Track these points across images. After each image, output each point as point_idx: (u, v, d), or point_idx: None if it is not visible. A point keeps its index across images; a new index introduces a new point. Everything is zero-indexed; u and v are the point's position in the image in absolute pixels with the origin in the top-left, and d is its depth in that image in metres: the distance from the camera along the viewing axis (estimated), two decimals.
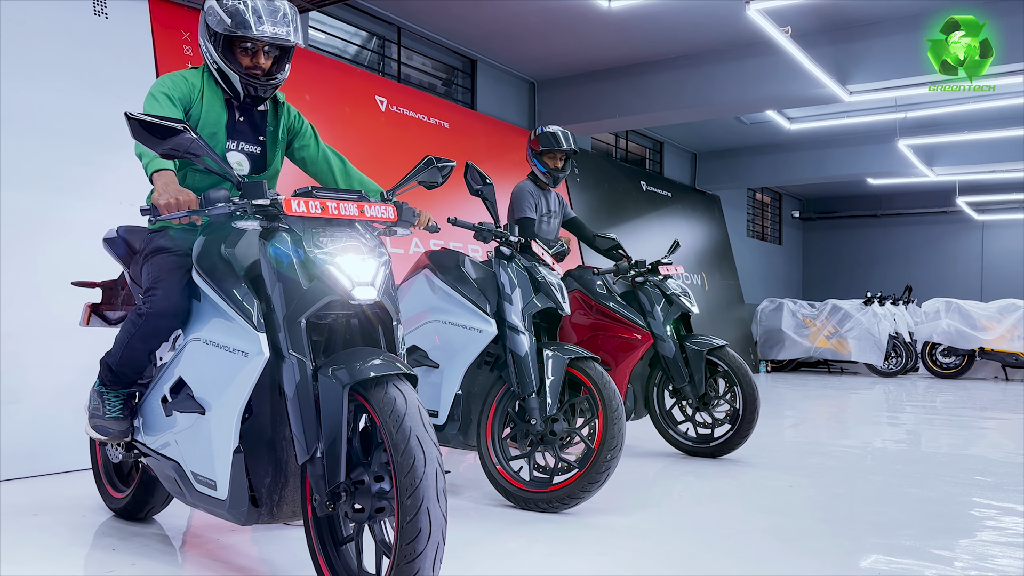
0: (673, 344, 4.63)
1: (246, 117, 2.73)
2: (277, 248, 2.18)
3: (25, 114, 4.12)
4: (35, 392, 3.92)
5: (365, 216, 2.27)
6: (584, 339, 4.78)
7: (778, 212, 15.68)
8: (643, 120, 8.14)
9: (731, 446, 4.59)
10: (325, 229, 2.22)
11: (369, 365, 2.05)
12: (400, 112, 6.74)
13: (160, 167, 2.30)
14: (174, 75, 2.61)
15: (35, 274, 4.02)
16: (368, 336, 2.34)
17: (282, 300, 2.15)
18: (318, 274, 2.13)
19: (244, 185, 2.17)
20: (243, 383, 2.19)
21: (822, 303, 11.96)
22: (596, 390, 3.29)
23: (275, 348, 2.17)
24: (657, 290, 4.75)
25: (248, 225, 2.17)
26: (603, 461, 3.19)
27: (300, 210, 2.16)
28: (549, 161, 4.73)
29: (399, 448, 1.93)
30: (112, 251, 3.02)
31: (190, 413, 2.34)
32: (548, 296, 3.54)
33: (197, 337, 2.40)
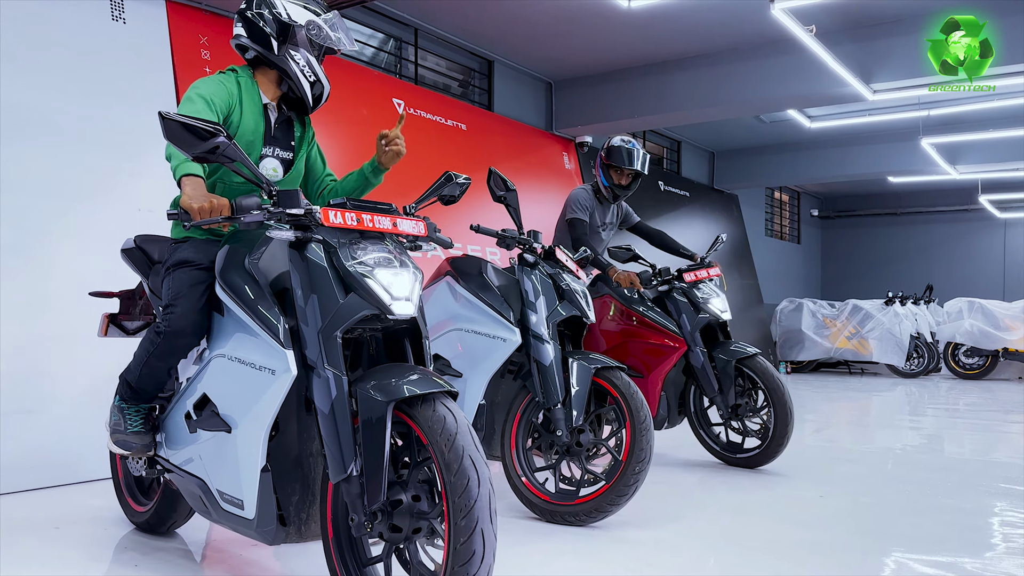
0: (701, 353, 4.47)
1: (280, 123, 2.70)
2: (312, 260, 2.12)
3: (43, 120, 4.10)
4: (54, 401, 3.90)
5: (397, 230, 2.22)
6: (615, 345, 4.66)
7: (797, 211, 15.53)
8: (661, 120, 8.05)
9: (760, 460, 4.42)
10: (358, 241, 2.16)
11: (412, 382, 2.00)
12: (417, 114, 6.69)
13: (190, 171, 2.23)
14: (211, 79, 2.54)
15: (53, 282, 4.00)
16: (395, 352, 2.29)
17: (317, 313, 2.09)
18: (356, 287, 2.08)
19: (279, 194, 2.12)
20: (270, 401, 2.14)
21: (842, 303, 11.82)
22: (623, 400, 3.23)
23: (305, 363, 2.12)
24: (684, 297, 4.59)
25: (282, 234, 2.11)
26: (631, 474, 3.12)
27: (337, 221, 2.11)
28: (615, 176, 4.68)
29: (451, 468, 1.88)
30: (130, 262, 2.99)
31: (216, 431, 2.29)
32: (573, 304, 3.48)
33: (222, 353, 2.35)
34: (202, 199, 2.11)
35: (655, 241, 5.01)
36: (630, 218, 5.10)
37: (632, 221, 5.08)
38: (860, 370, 12.46)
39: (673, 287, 4.61)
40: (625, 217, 5.09)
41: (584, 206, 4.70)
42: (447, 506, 1.87)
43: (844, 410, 7.84)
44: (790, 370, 11.96)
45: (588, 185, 4.84)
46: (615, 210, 5.00)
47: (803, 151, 11.16)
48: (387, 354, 2.31)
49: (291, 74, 2.58)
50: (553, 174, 8.20)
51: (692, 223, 10.59)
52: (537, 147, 8.10)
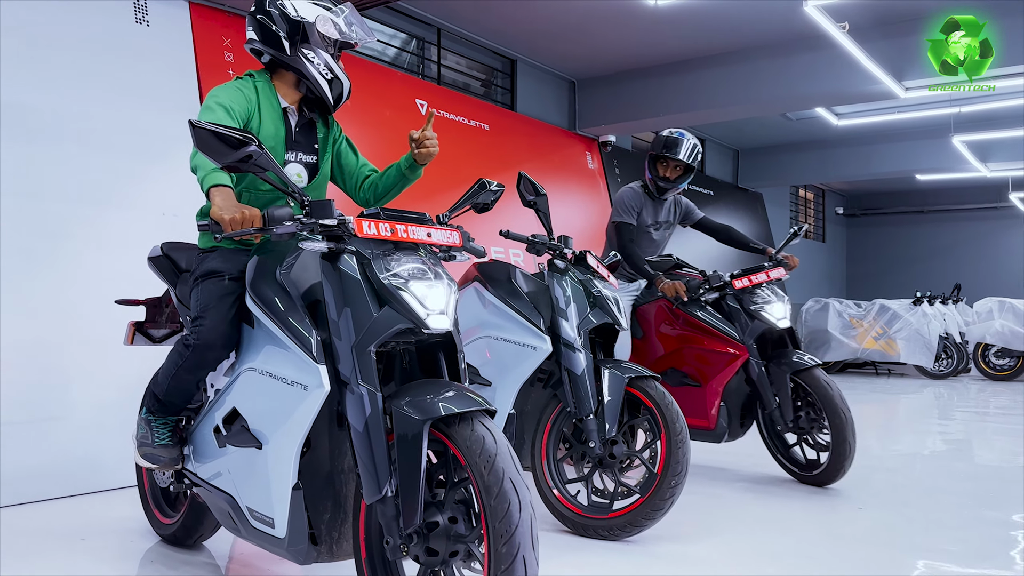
0: (757, 363, 4.15)
1: (301, 126, 2.63)
2: (345, 272, 2.06)
3: (67, 124, 4.07)
4: (78, 408, 3.86)
5: (432, 241, 2.16)
6: (671, 352, 4.40)
7: (821, 209, 15.33)
8: (686, 119, 7.93)
9: (823, 479, 4.09)
10: (391, 252, 2.10)
11: (449, 399, 1.93)
12: (440, 115, 6.63)
13: (219, 182, 2.16)
14: (228, 86, 2.48)
15: (78, 287, 3.97)
16: (429, 366, 2.22)
17: (351, 327, 2.03)
18: (390, 300, 2.02)
19: (312, 204, 2.05)
20: (302, 418, 2.07)
21: (869, 303, 11.63)
22: (658, 411, 3.14)
23: (337, 378, 2.06)
24: (736, 303, 4.25)
25: (315, 246, 2.04)
26: (667, 488, 3.03)
27: (371, 232, 2.05)
28: (661, 168, 4.46)
29: (492, 491, 1.80)
30: (157, 270, 2.94)
31: (246, 448, 2.24)
32: (604, 311, 3.39)
33: (252, 367, 2.29)
34: (233, 210, 2.04)
35: (722, 237, 4.75)
36: (692, 214, 4.81)
37: (695, 217, 4.79)
38: (887, 371, 12.26)
39: (725, 293, 4.29)
40: (686, 213, 4.81)
41: (629, 207, 4.47)
42: (487, 531, 1.80)
43: (876, 414, 7.69)
44: None
45: (637, 183, 4.61)
46: (671, 206, 4.71)
47: (830, 149, 10.99)
48: (421, 368, 2.25)
49: (307, 74, 2.51)
50: (576, 174, 8.11)
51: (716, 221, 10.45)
52: (560, 147, 8.01)
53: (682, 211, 4.82)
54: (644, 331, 4.55)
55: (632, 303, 4.56)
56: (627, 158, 9.00)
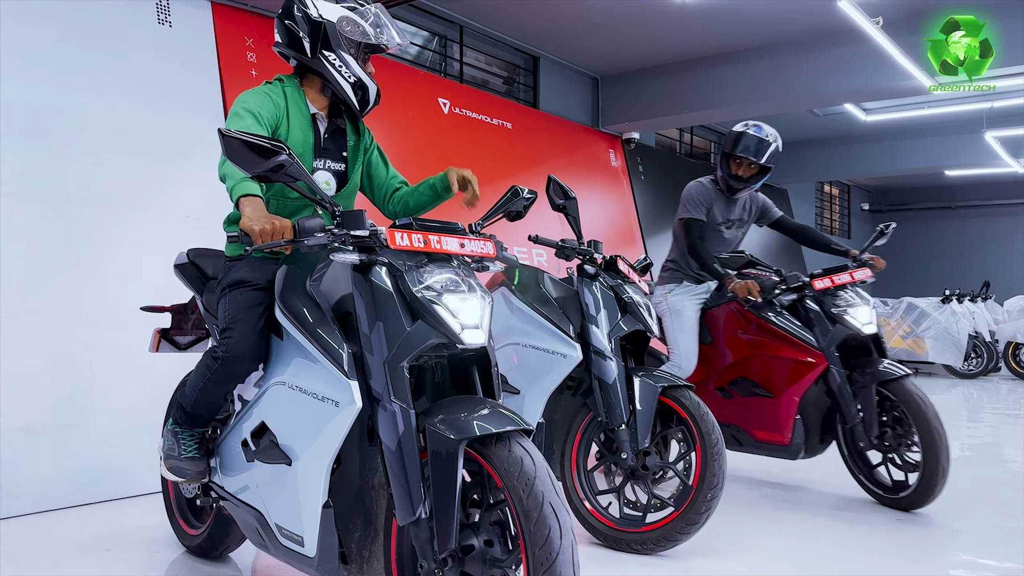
0: (838, 373, 3.75)
1: (330, 133, 2.56)
2: (377, 284, 1.99)
3: (88, 126, 4.04)
4: (101, 414, 3.83)
5: (465, 252, 2.08)
6: (741, 359, 4.06)
7: (847, 204, 15.11)
8: (712, 115, 7.82)
9: (911, 503, 3.70)
10: (424, 263, 2.03)
11: (484, 418, 1.86)
12: (463, 114, 6.56)
13: (249, 191, 2.09)
14: (256, 91, 2.41)
15: (101, 292, 3.94)
16: (461, 381, 2.15)
17: (383, 342, 1.96)
18: (424, 314, 1.95)
19: (343, 215, 1.99)
20: (333, 434, 2.01)
21: (897, 300, 11.44)
22: (692, 422, 3.05)
23: (369, 394, 1.99)
24: (816, 306, 3.88)
25: (346, 258, 1.96)
26: (703, 501, 2.94)
27: (403, 244, 1.98)
28: (733, 166, 4.10)
29: (531, 516, 1.73)
30: (183, 278, 2.90)
31: (275, 464, 2.18)
32: (635, 317, 3.30)
33: (281, 380, 2.23)
34: (263, 221, 1.97)
35: (801, 238, 4.39)
36: (769, 212, 4.43)
37: (772, 216, 4.42)
38: (915, 370, 12.06)
39: (804, 295, 3.92)
40: (763, 211, 4.43)
41: (698, 202, 4.13)
42: (526, 558, 1.73)
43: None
44: None
45: (708, 177, 4.27)
46: (745, 203, 4.33)
47: (857, 144, 10.80)
48: (453, 382, 2.18)
49: (328, 78, 2.44)
50: (599, 172, 8.01)
51: None
52: (583, 144, 7.91)
53: (758, 209, 4.42)
54: (713, 337, 4.23)
55: (701, 306, 4.26)
56: (651, 155, 8.88)
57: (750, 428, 4.00)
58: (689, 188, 4.21)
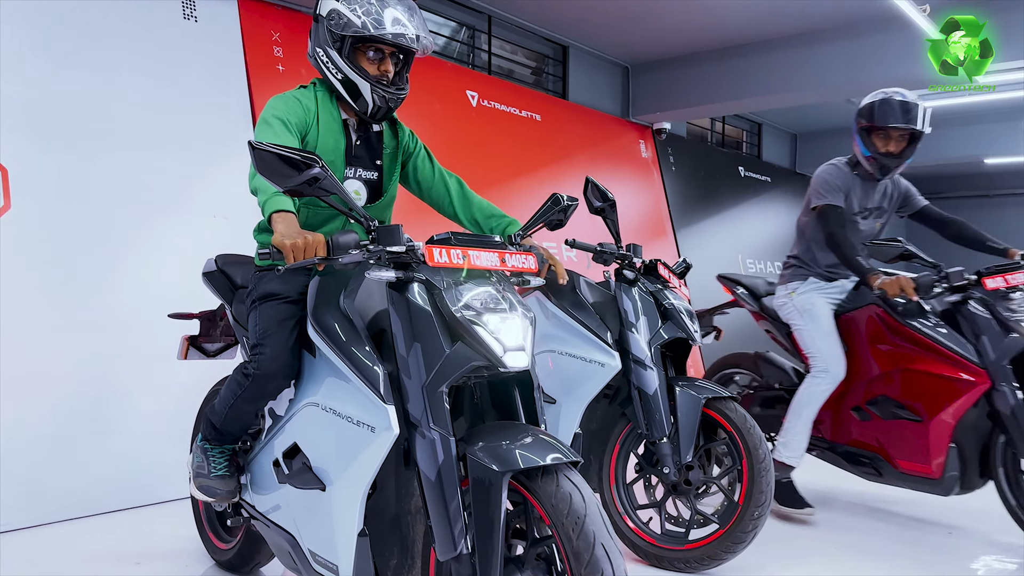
0: (1011, 393, 3.17)
1: (363, 140, 2.43)
2: (414, 303, 1.89)
3: (112, 124, 3.96)
4: (132, 419, 3.78)
5: (506, 267, 1.97)
6: (883, 375, 3.54)
7: None
8: (746, 105, 7.61)
9: None
10: (464, 280, 1.92)
11: (529, 448, 1.75)
12: (491, 106, 6.42)
13: (281, 207, 1.98)
14: (287, 97, 2.31)
15: (125, 296, 3.87)
16: (501, 403, 2.04)
17: (421, 364, 1.86)
18: (463, 334, 1.84)
19: (378, 230, 1.88)
20: (369, 461, 1.91)
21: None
22: (738, 436, 2.92)
23: (406, 418, 1.89)
24: (985, 311, 3.29)
25: (382, 276, 1.86)
26: (749, 520, 2.82)
27: (442, 260, 1.87)
28: (879, 141, 3.52)
29: (582, 559, 1.62)
30: (212, 287, 2.81)
31: (308, 489, 2.09)
32: (676, 324, 3.17)
33: (314, 401, 2.14)
34: (295, 235, 1.86)
35: (950, 232, 3.76)
36: (913, 200, 3.81)
37: (916, 205, 3.81)
38: None
39: (969, 297, 3.35)
40: (905, 198, 3.81)
41: (836, 186, 3.57)
42: None
43: None
44: None
45: (841, 159, 3.72)
46: (887, 189, 3.74)
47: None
48: (493, 403, 2.07)
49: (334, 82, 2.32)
50: (629, 163, 7.85)
51: (773, 210, 10.10)
52: (613, 135, 7.75)
53: (900, 195, 3.80)
54: (849, 346, 3.65)
55: (834, 308, 3.73)
56: (682, 146, 8.69)
57: (892, 456, 3.47)
58: (823, 172, 3.66)
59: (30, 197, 3.61)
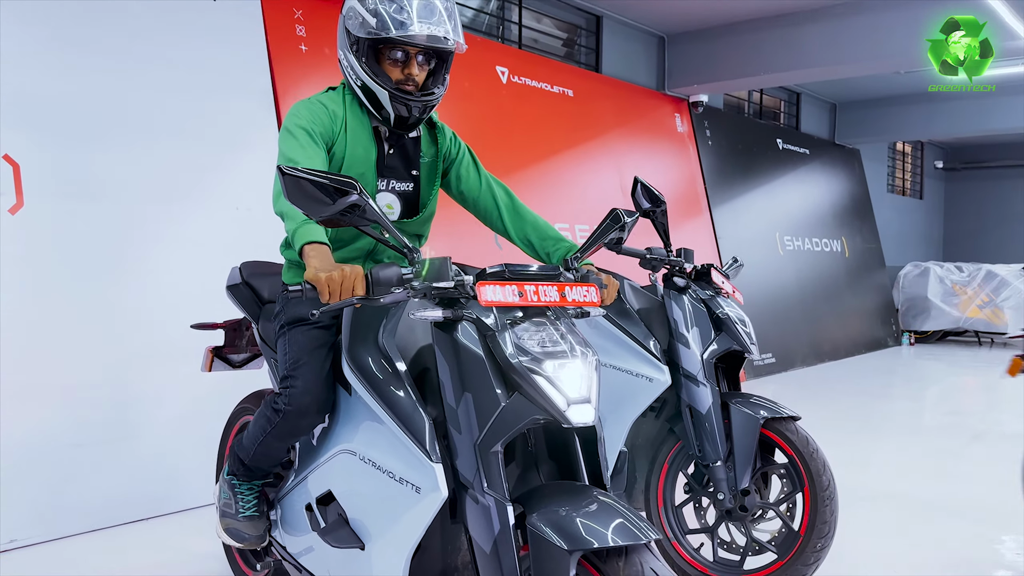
0: None
1: (397, 148, 2.18)
2: (464, 346, 1.67)
3: (127, 113, 3.75)
4: (151, 426, 3.63)
5: (567, 302, 1.71)
6: None
7: (920, 162, 14.27)
8: (791, 77, 7.25)
9: None
10: (518, 318, 1.69)
11: (600, 520, 1.51)
12: (522, 82, 6.14)
13: (314, 238, 1.76)
14: (311, 103, 2.08)
15: (145, 295, 3.70)
16: (559, 453, 1.83)
17: (472, 419, 1.65)
18: (521, 384, 1.61)
19: (425, 262, 1.67)
20: (414, 523, 1.72)
21: (974, 268, 10.79)
22: (800, 460, 2.70)
23: (455, 474, 1.69)
24: None
25: (427, 315, 1.66)
26: (811, 551, 2.62)
27: (495, 299, 1.63)
28: None
29: None
30: (237, 302, 2.61)
31: (346, 548, 1.90)
32: (731, 335, 2.94)
33: (350, 449, 1.94)
34: (330, 268, 1.65)
35: None
36: None
37: None
38: (990, 340, 11.44)
39: None
40: None
41: None
42: None
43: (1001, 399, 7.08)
44: (913, 341, 11.06)
45: None
46: None
47: (939, 103, 10.01)
48: (550, 452, 1.86)
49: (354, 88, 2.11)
50: (664, 138, 7.54)
51: (811, 184, 9.74)
52: (647, 110, 7.43)
53: None
54: None
55: None
56: (719, 119, 8.35)
57: None
58: None
59: (44, 194, 3.43)
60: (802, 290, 8.84)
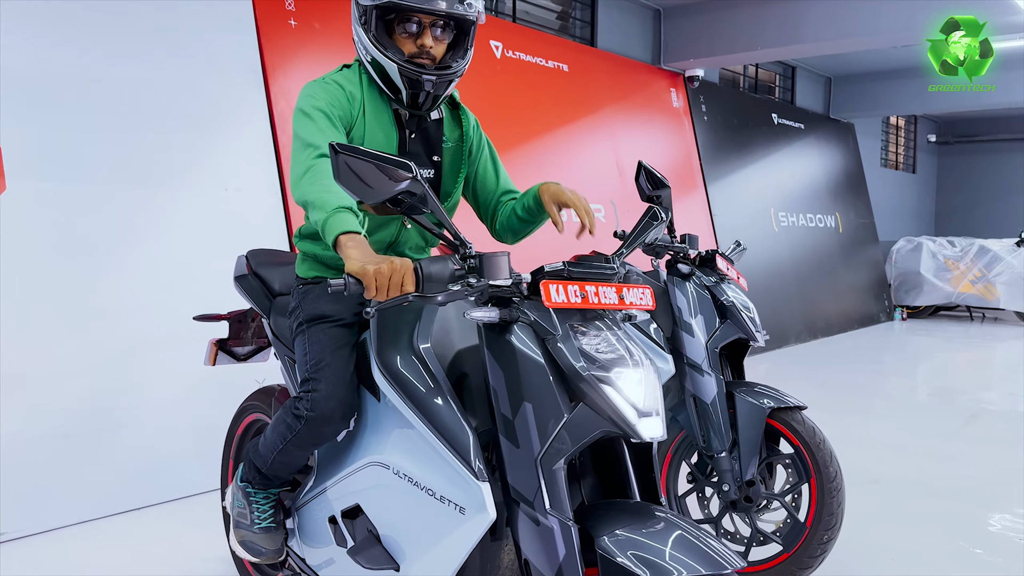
0: None
1: (418, 132, 2.01)
2: (524, 352, 1.51)
3: (109, 92, 3.63)
4: (142, 414, 3.55)
5: (625, 305, 1.57)
6: None
7: (913, 136, 14.21)
8: (790, 52, 7.14)
9: None
10: (577, 322, 1.54)
11: (681, 548, 1.36)
12: (516, 57, 6.02)
13: (350, 228, 1.59)
14: (326, 83, 1.92)
15: (132, 280, 3.60)
16: (603, 464, 1.67)
17: (532, 432, 1.49)
18: (587, 394, 1.47)
19: (481, 258, 1.52)
20: (457, 547, 1.59)
21: (967, 242, 10.78)
22: (807, 450, 2.66)
23: (505, 492, 1.54)
24: None
25: (484, 317, 1.51)
26: (818, 543, 2.58)
27: (560, 300, 1.48)
28: None
29: None
30: (246, 294, 2.46)
31: (379, 570, 1.77)
32: (736, 323, 2.88)
33: (382, 461, 1.79)
34: (377, 260, 1.48)
35: None
36: None
37: None
38: (982, 315, 11.47)
39: None
40: None
41: None
42: None
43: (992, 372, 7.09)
44: (906, 316, 11.08)
45: None
46: None
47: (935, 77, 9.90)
48: (593, 463, 1.70)
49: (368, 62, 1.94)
50: (659, 113, 7.44)
51: (806, 160, 9.67)
52: (642, 84, 7.32)
53: None
54: None
55: None
56: (715, 93, 8.24)
57: None
58: None
59: (28, 176, 3.32)
60: (796, 266, 8.80)
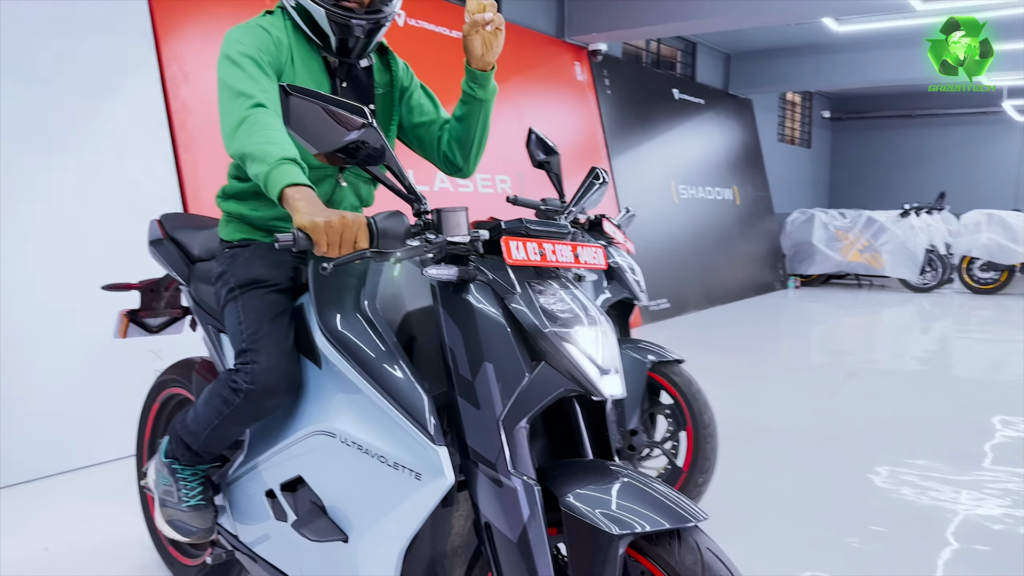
0: None
1: (350, 81, 1.89)
2: (483, 311, 1.47)
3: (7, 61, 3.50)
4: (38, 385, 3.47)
5: (580, 263, 1.54)
6: None
7: (808, 113, 14.86)
8: (689, 27, 7.38)
9: None
10: (535, 281, 1.49)
11: (645, 503, 1.34)
12: (420, 26, 6.02)
13: (296, 180, 1.49)
14: (251, 27, 1.78)
15: (20, 251, 3.50)
16: (552, 422, 1.62)
17: (495, 391, 1.44)
18: (548, 353, 1.42)
19: (437, 213, 1.47)
20: (412, 514, 1.52)
21: (856, 214, 11.40)
22: (684, 401, 2.85)
23: (463, 454, 1.50)
24: None
25: (441, 274, 1.46)
26: (693, 486, 2.79)
27: (520, 257, 1.45)
28: None
29: None
30: (163, 261, 2.36)
31: (326, 542, 1.70)
32: (623, 284, 3.04)
33: (326, 430, 1.70)
34: (328, 214, 1.39)
35: None
36: None
37: None
38: (869, 283, 12.19)
39: None
40: None
41: None
42: None
43: (873, 330, 7.58)
44: (799, 284, 11.67)
45: None
46: None
47: (828, 55, 10.42)
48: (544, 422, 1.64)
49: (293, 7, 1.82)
50: (564, 86, 7.57)
51: (706, 134, 10.01)
52: (547, 57, 7.43)
53: None
54: None
55: None
56: (619, 68, 8.43)
57: None
58: None
59: None
60: (696, 237, 9.15)
